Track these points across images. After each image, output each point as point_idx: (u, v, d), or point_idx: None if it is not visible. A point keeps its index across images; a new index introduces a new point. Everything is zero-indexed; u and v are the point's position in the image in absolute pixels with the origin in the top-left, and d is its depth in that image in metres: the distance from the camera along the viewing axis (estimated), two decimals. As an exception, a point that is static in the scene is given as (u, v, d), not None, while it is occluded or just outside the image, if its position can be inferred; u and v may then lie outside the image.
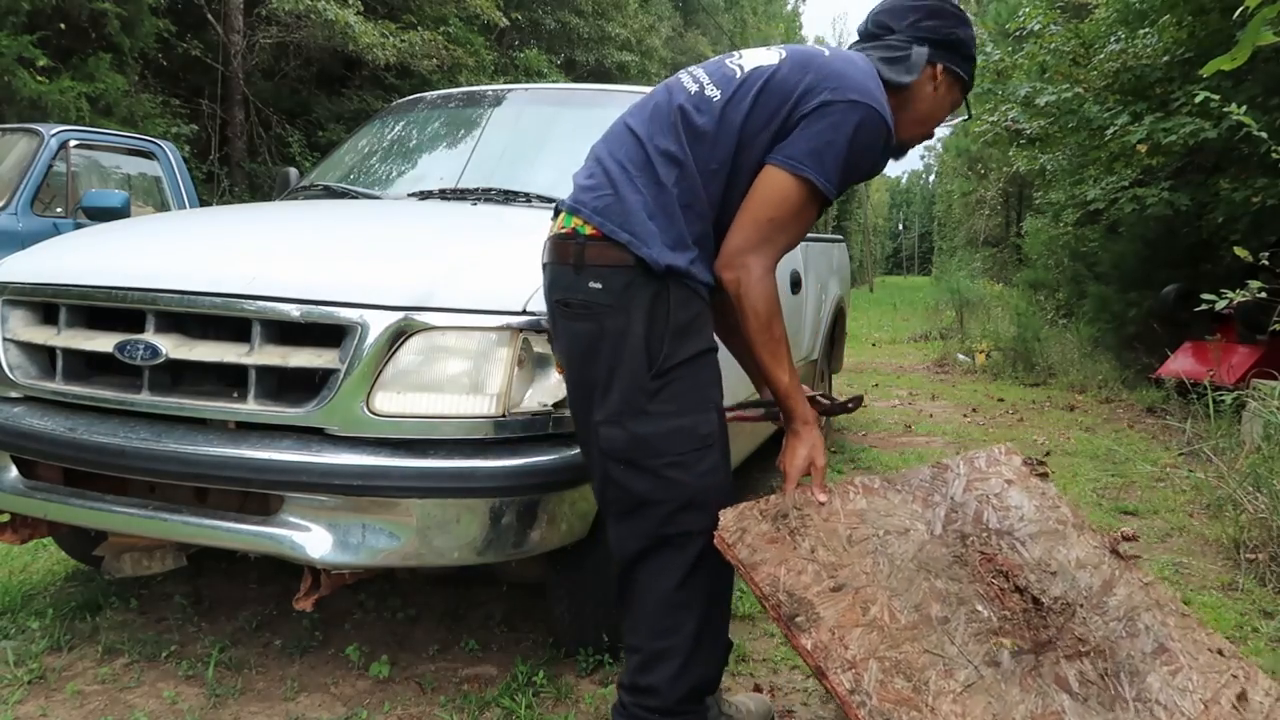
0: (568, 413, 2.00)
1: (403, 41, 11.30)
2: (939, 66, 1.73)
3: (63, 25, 8.75)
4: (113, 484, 2.09)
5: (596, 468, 1.64)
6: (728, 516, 1.47)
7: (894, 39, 1.71)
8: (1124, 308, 7.55)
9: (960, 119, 1.91)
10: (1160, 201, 6.27)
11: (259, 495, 1.96)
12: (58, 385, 2.14)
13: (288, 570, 2.41)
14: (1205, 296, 3.87)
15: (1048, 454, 4.98)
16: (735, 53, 1.71)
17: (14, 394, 2.20)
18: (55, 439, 2.04)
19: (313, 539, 1.89)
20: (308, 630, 2.49)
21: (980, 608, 1.45)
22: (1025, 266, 13.05)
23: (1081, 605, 1.51)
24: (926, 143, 1.92)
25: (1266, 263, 4.04)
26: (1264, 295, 3.69)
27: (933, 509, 1.59)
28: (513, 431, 1.96)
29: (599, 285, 1.56)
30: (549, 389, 1.99)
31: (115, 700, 2.12)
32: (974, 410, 6.57)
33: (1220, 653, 1.53)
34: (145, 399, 2.03)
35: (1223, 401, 4.32)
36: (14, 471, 2.15)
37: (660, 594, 1.61)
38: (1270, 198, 5.17)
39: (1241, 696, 1.45)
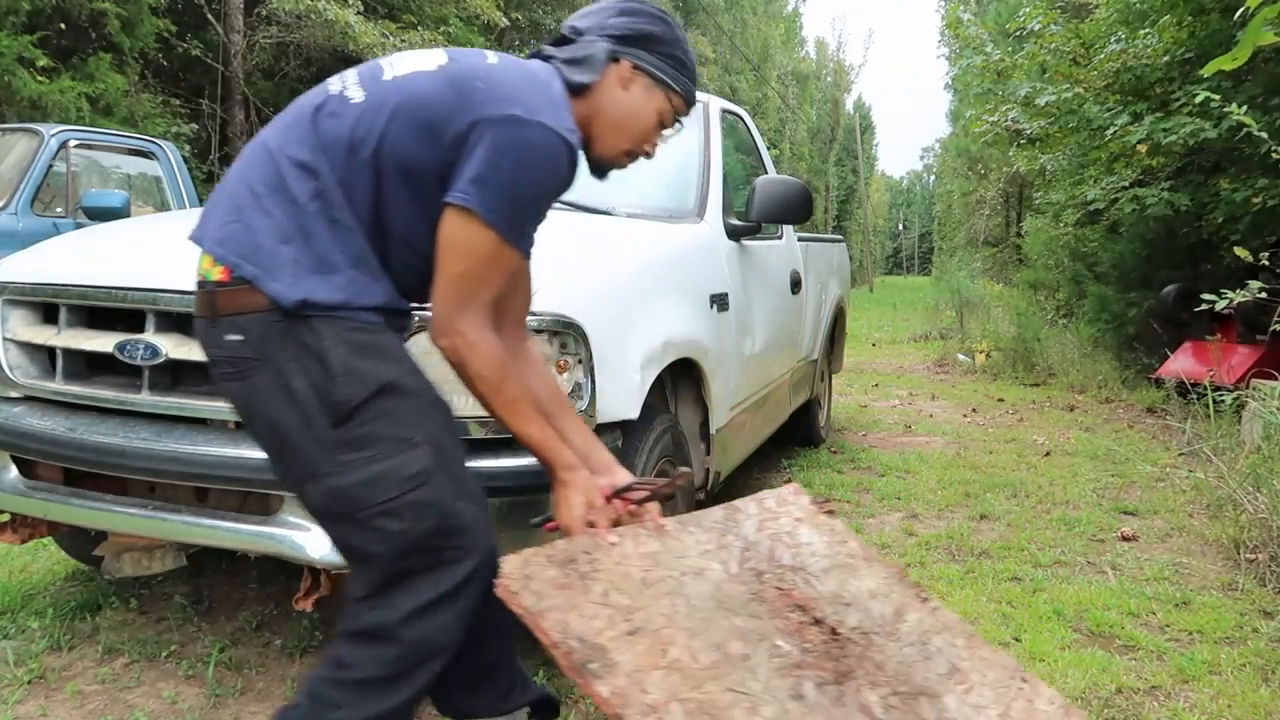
0: (568, 413, 2.01)
1: (403, 41, 11.30)
2: (627, 63, 1.55)
3: (63, 25, 8.75)
4: (113, 484, 2.09)
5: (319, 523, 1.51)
6: (511, 564, 1.39)
7: (582, 40, 1.56)
8: (1124, 308, 7.56)
9: (675, 130, 1.67)
10: (1160, 202, 6.27)
11: (259, 495, 1.97)
12: (58, 385, 2.14)
13: (288, 570, 2.41)
14: (1205, 296, 3.88)
15: (1048, 454, 4.99)
16: (399, 54, 1.54)
17: (14, 394, 2.21)
18: (55, 439, 2.04)
19: (313, 539, 1.89)
20: (308, 630, 2.49)
21: (781, 642, 1.44)
22: (1025, 266, 13.06)
23: (877, 633, 1.54)
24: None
25: (1266, 263, 4.04)
26: (1264, 295, 3.69)
27: (727, 549, 1.59)
28: (513, 431, 1.95)
29: (238, 337, 1.37)
30: (549, 389, 1.99)
31: (115, 700, 2.12)
32: (974, 410, 6.57)
33: (1005, 668, 1.58)
34: (145, 399, 2.03)
35: (1223, 401, 4.32)
36: (14, 471, 2.15)
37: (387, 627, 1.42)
38: (1271, 198, 5.17)
39: None
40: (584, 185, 3.08)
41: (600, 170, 1.64)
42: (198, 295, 1.43)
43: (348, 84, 1.46)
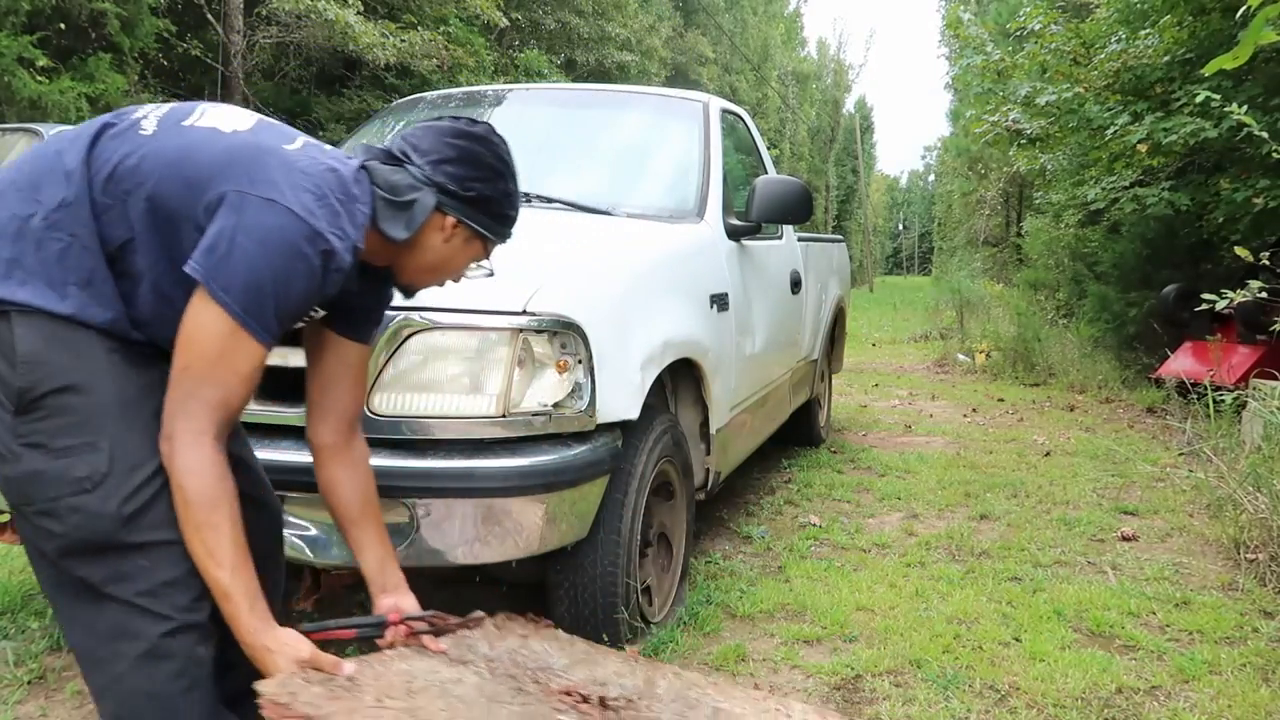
0: (568, 413, 2.01)
1: (403, 41, 11.30)
2: (450, 219, 1.48)
3: (63, 25, 8.75)
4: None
5: None
6: (269, 686, 1.35)
7: (411, 171, 1.45)
8: (1124, 308, 7.56)
9: (484, 272, 1.67)
10: (1161, 201, 6.26)
11: (259, 495, 1.96)
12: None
13: (288, 571, 2.41)
14: (1205, 296, 3.87)
15: (1048, 454, 4.98)
16: (219, 106, 1.47)
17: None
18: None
19: (313, 539, 1.89)
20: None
21: (563, 717, 1.51)
22: (1025, 266, 13.05)
23: (638, 698, 1.63)
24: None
25: (1267, 263, 4.03)
26: (1264, 295, 3.68)
27: (470, 665, 1.63)
28: (513, 431, 1.96)
29: None
30: (549, 389, 1.99)
31: (115, 700, 2.12)
32: (974, 410, 6.57)
33: (756, 699, 1.73)
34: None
35: (1223, 401, 4.32)
36: (14, 471, 2.15)
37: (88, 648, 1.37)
38: (1271, 198, 5.17)
39: None
40: (584, 185, 3.10)
41: (408, 292, 1.62)
42: None
43: (149, 115, 1.41)
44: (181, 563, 1.35)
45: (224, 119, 1.42)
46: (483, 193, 1.49)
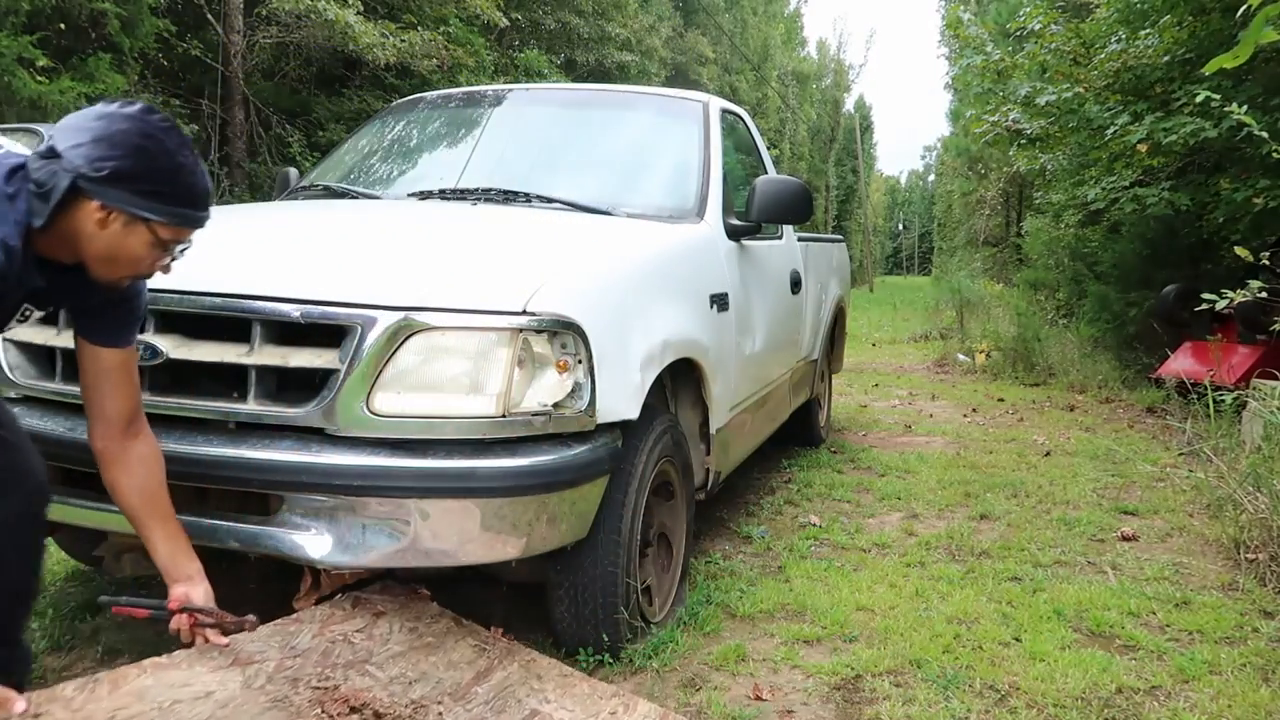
0: (568, 413, 2.01)
1: (403, 41, 11.29)
2: (94, 204, 1.46)
3: (63, 25, 8.74)
4: (113, 484, 2.09)
5: None
6: None
7: (59, 161, 1.44)
8: (1124, 308, 7.56)
9: (169, 259, 1.59)
10: (1161, 201, 6.27)
11: (259, 495, 1.97)
12: (58, 385, 2.14)
13: (288, 570, 2.41)
14: (1205, 296, 3.87)
15: (1048, 454, 4.98)
16: None
17: (14, 394, 2.20)
18: (55, 439, 2.03)
19: (313, 539, 1.89)
20: (308, 630, 2.48)
21: None
22: (1025, 266, 13.05)
23: (441, 702, 1.58)
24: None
25: (1267, 263, 4.04)
26: (1264, 295, 3.68)
27: (254, 665, 1.59)
28: (513, 431, 1.96)
29: None
30: (549, 389, 1.99)
31: (115, 700, 2.12)
32: (974, 410, 6.57)
33: (600, 696, 1.69)
34: (145, 399, 2.02)
35: (1223, 401, 4.32)
36: (14, 471, 2.15)
37: None
38: (1271, 198, 5.17)
39: None
40: (584, 185, 3.10)
41: (107, 289, 1.61)
42: None
43: None
44: None
45: None
46: (120, 169, 1.45)
